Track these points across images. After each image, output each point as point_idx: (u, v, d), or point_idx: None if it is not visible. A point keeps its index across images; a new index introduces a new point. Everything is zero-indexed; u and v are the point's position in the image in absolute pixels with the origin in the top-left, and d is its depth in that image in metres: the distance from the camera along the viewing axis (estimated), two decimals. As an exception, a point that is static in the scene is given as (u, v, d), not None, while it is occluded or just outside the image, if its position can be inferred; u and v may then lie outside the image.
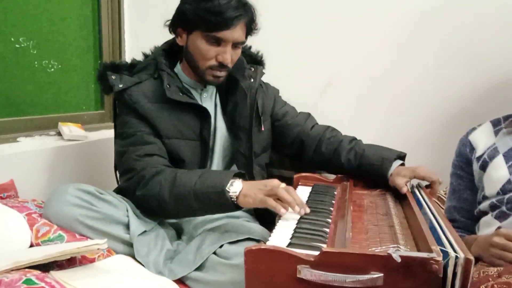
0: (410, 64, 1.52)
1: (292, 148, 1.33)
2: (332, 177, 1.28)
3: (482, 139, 1.16)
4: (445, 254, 0.69)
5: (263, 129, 1.28)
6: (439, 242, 0.74)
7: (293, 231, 0.87)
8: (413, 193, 1.08)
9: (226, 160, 1.28)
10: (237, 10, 1.12)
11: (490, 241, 0.92)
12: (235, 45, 1.16)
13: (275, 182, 1.01)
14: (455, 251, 0.69)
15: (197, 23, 1.13)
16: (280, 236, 0.86)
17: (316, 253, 0.73)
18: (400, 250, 0.76)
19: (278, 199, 0.98)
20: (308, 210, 0.97)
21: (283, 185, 1.00)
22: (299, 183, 1.23)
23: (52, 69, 1.65)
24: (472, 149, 1.17)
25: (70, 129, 1.59)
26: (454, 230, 0.80)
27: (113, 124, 1.29)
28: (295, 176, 1.26)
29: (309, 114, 1.36)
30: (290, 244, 0.80)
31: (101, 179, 1.53)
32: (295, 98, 1.41)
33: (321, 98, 1.64)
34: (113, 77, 1.20)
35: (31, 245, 0.99)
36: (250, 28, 1.20)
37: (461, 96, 1.47)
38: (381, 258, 0.69)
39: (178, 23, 1.19)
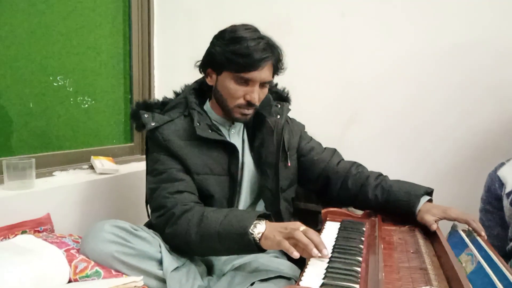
0: (433, 96, 1.55)
1: (318, 184, 1.34)
2: (359, 212, 1.28)
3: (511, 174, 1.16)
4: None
5: (289, 164, 1.31)
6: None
7: (325, 271, 0.88)
8: (472, 241, 1.03)
9: (253, 195, 1.31)
10: (264, 52, 1.17)
11: (525, 282, 0.90)
12: (262, 84, 1.21)
13: (296, 224, 1.01)
14: None
15: (226, 64, 1.18)
16: (312, 276, 0.87)
17: (350, 294, 0.74)
18: (435, 293, 0.76)
19: (297, 242, 0.97)
20: (326, 253, 0.94)
21: (303, 227, 0.99)
22: (327, 218, 1.24)
23: (86, 105, 1.74)
24: (502, 184, 1.17)
25: (102, 163, 1.65)
26: None
27: (141, 156, 1.33)
28: (323, 211, 1.27)
29: (335, 150, 1.38)
30: (323, 285, 0.81)
31: (133, 212, 1.58)
32: (320, 133, 1.44)
33: (345, 132, 1.66)
34: (146, 115, 1.25)
35: (69, 281, 1.03)
36: (277, 67, 1.24)
37: (484, 127, 1.48)
38: (416, 302, 0.69)
39: (208, 64, 1.24)
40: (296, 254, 0.96)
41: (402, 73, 1.58)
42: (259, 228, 1.02)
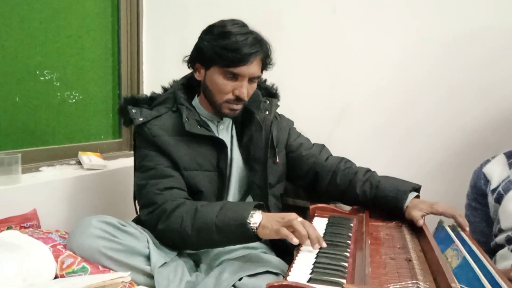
0: (423, 94, 1.55)
1: (307, 179, 1.35)
2: (347, 208, 1.29)
3: (497, 171, 1.17)
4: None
5: (278, 160, 1.31)
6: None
7: (312, 266, 0.89)
8: (456, 234, 1.05)
9: (242, 190, 1.31)
10: (253, 47, 1.17)
11: (509, 276, 0.92)
12: (251, 79, 1.20)
13: (293, 215, 1.02)
14: None
15: (215, 59, 1.17)
16: (300, 271, 0.87)
17: (337, 289, 0.74)
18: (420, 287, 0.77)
19: (294, 231, 0.99)
20: (324, 245, 0.97)
21: (300, 219, 1.02)
22: (315, 214, 1.25)
23: (74, 100, 1.72)
24: (487, 181, 1.19)
25: (89, 159, 1.64)
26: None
27: (129, 152, 1.32)
28: (311, 207, 1.27)
29: (323, 146, 1.39)
30: (310, 280, 0.82)
31: (121, 208, 1.57)
32: (309, 129, 1.44)
33: (335, 129, 1.67)
34: (134, 110, 1.24)
35: (56, 277, 1.02)
36: (266, 63, 1.24)
37: (473, 126, 1.49)
38: (401, 296, 0.70)
39: (196, 59, 1.24)
40: (295, 240, 0.97)
41: (393, 71, 1.58)
42: (255, 218, 1.04)
